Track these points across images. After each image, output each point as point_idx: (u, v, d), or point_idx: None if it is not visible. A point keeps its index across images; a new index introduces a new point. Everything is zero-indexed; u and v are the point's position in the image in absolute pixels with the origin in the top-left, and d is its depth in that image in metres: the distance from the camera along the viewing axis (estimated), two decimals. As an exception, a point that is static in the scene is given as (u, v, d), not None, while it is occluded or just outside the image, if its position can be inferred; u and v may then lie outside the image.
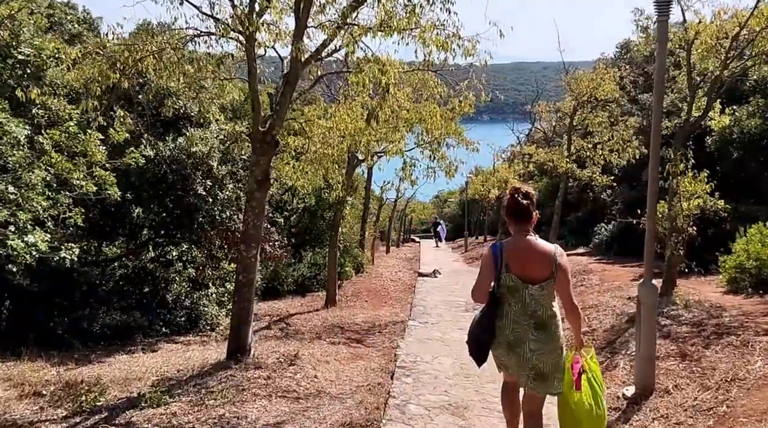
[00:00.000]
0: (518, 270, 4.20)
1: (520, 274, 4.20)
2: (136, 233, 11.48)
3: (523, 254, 4.23)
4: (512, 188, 4.41)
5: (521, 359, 4.24)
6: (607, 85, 15.27)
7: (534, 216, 4.35)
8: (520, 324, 4.22)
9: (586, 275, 15.18)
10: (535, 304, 4.19)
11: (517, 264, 4.21)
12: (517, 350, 4.24)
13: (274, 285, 16.39)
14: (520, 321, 4.22)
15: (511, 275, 4.21)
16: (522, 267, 4.21)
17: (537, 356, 4.20)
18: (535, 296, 4.18)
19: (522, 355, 4.23)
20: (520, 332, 4.23)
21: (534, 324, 4.20)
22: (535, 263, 4.21)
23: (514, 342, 4.25)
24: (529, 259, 4.22)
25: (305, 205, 18.46)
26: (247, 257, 7.79)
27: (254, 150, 7.61)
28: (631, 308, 10.29)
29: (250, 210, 7.69)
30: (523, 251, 4.24)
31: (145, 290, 11.57)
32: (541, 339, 4.19)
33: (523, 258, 4.22)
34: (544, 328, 4.21)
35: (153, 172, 10.16)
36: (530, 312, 4.20)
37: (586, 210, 26.83)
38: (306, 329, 11.98)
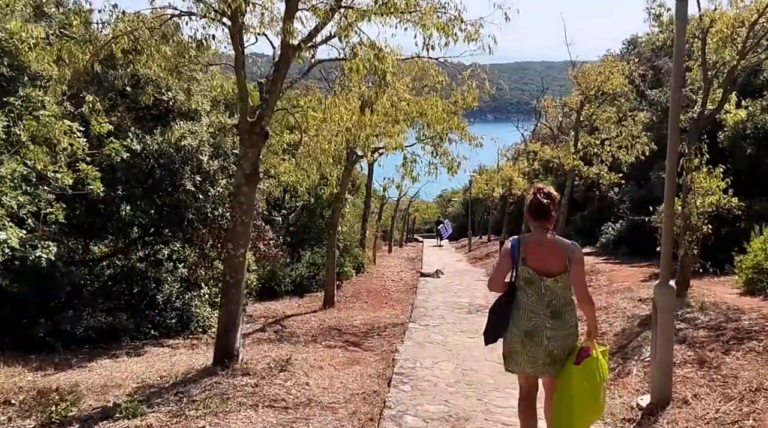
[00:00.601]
0: (534, 264, 4.46)
1: (535, 267, 4.45)
2: (124, 230, 10.99)
3: (539, 249, 4.49)
4: (536, 188, 4.67)
5: (539, 346, 4.44)
6: (615, 79, 14.73)
7: (554, 215, 4.61)
8: (537, 313, 4.45)
9: (594, 276, 14.65)
10: (551, 294, 4.44)
11: (534, 258, 4.47)
12: (535, 338, 4.45)
13: (271, 286, 15.90)
14: (537, 310, 4.46)
15: (528, 267, 4.47)
16: (537, 261, 4.46)
17: (553, 342, 4.44)
18: (550, 287, 4.44)
19: (540, 343, 4.44)
20: (537, 321, 4.45)
21: (550, 313, 4.44)
22: (550, 257, 4.46)
23: (532, 331, 4.46)
24: (545, 254, 4.47)
25: (304, 203, 17.97)
26: (235, 256, 7.30)
27: (242, 142, 7.12)
28: (643, 311, 9.79)
29: (238, 206, 7.20)
30: (540, 246, 4.51)
31: (134, 291, 11.09)
32: (557, 327, 4.44)
33: (539, 253, 4.48)
34: (559, 317, 4.45)
35: (140, 167, 9.68)
36: (546, 302, 4.44)
37: (593, 209, 26.30)
38: (302, 331, 11.50)
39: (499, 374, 7.81)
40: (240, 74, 6.74)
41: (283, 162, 10.28)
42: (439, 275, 19.75)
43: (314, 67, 7.57)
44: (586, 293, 4.55)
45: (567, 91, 23.11)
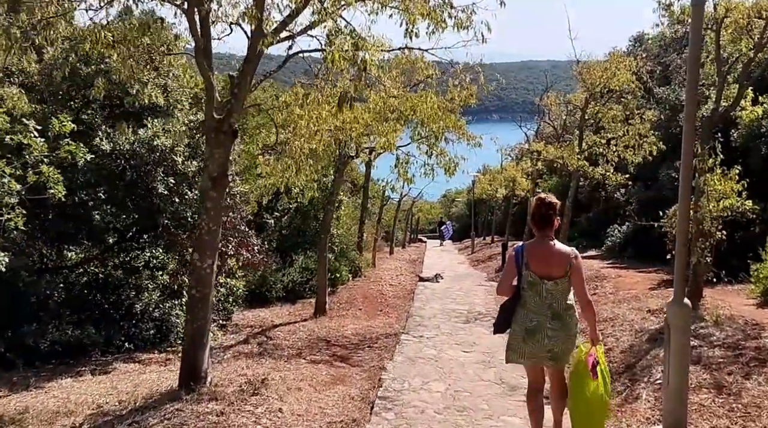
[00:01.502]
0: (536, 268, 4.82)
1: (537, 271, 4.81)
2: (99, 236, 10.31)
3: (541, 255, 4.85)
4: (538, 198, 5.03)
5: (539, 344, 4.78)
6: (622, 75, 13.98)
7: (555, 223, 4.98)
8: (538, 314, 4.80)
9: (599, 282, 13.91)
10: (551, 297, 4.80)
11: (536, 263, 4.83)
12: (536, 336, 4.78)
13: (261, 292, 15.19)
14: (539, 311, 4.80)
15: (530, 272, 4.83)
16: (539, 266, 4.82)
17: (552, 341, 4.77)
18: (551, 290, 4.79)
19: (540, 341, 4.78)
20: (538, 321, 4.80)
21: (551, 315, 4.79)
22: (551, 263, 4.81)
23: (533, 329, 4.79)
24: (547, 259, 4.83)
25: (297, 205, 17.27)
26: (201, 267, 6.61)
27: (208, 141, 6.43)
28: (652, 324, 9.05)
29: (205, 213, 6.50)
30: (542, 252, 4.87)
31: (110, 300, 10.40)
32: (557, 328, 4.77)
33: (541, 258, 4.84)
34: (559, 318, 4.80)
35: (109, 169, 9.01)
36: (547, 304, 4.79)
37: (598, 210, 25.56)
38: (288, 343, 10.80)
39: (495, 397, 7.12)
40: (202, 65, 6.04)
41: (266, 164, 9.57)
42: (438, 279, 19.04)
43: (290, 59, 6.87)
44: (586, 298, 4.88)
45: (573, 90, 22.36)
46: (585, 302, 4.88)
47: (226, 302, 12.19)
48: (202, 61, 6.01)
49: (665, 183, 18.62)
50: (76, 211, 9.53)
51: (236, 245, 10.50)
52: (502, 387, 7.54)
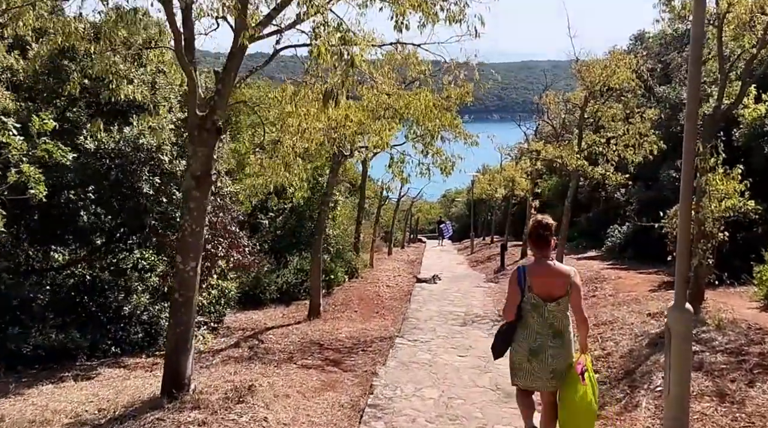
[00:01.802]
0: (539, 291, 4.90)
1: (540, 294, 4.89)
2: (86, 237, 10.05)
3: (544, 278, 4.93)
4: (535, 219, 5.17)
5: (543, 363, 4.88)
6: (622, 73, 13.72)
7: (552, 243, 5.06)
8: (541, 334, 4.89)
9: (599, 284, 13.67)
10: (553, 317, 4.89)
11: (539, 286, 4.91)
12: (540, 356, 4.89)
13: (255, 293, 14.95)
14: (541, 331, 4.90)
15: (534, 294, 4.91)
16: (542, 288, 4.90)
17: (555, 360, 4.88)
18: (552, 311, 4.88)
19: (544, 360, 4.88)
20: (541, 341, 4.89)
21: (552, 334, 4.89)
22: (553, 284, 4.91)
23: (536, 350, 4.90)
24: (549, 281, 4.91)
25: (292, 205, 17.02)
26: (185, 270, 6.37)
27: (191, 139, 6.18)
28: (652, 328, 8.81)
29: (188, 213, 6.25)
30: (543, 274, 4.95)
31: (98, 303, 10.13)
32: (558, 345, 4.88)
33: (543, 281, 4.92)
34: (560, 336, 4.91)
35: (94, 168, 8.76)
36: (549, 324, 4.89)
37: (598, 210, 25.32)
38: (279, 347, 10.55)
39: (489, 404, 6.87)
40: (182, 58, 5.78)
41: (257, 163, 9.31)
42: (435, 280, 18.81)
43: (278, 53, 6.62)
44: (583, 316, 4.99)
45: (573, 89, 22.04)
46: (581, 319, 4.99)
47: (217, 304, 11.96)
48: (182, 55, 5.75)
49: (666, 183, 18.37)
50: (62, 211, 9.29)
51: (227, 247, 10.25)
52: (497, 393, 7.30)
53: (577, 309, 4.94)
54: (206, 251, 10.32)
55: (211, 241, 10.21)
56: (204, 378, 7.89)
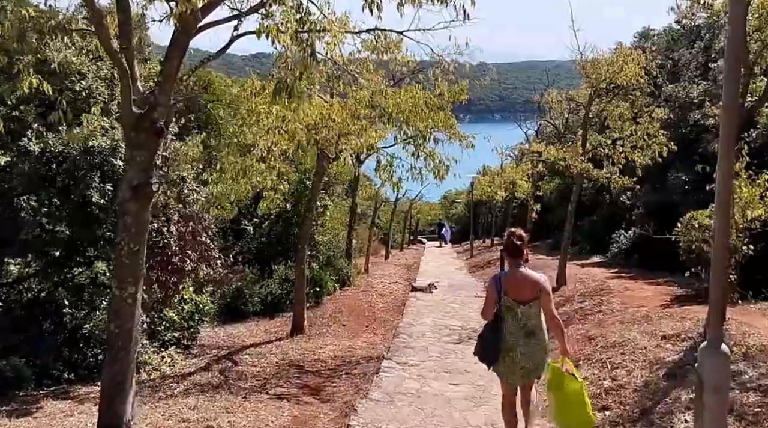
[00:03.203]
0: (513, 294, 5.42)
1: (514, 297, 5.41)
2: (40, 250, 9.07)
3: (516, 283, 5.44)
4: (510, 232, 5.68)
5: (513, 361, 5.38)
6: (630, 69, 12.73)
7: (524, 253, 5.56)
8: (513, 334, 5.38)
9: (605, 296, 12.64)
10: (525, 318, 5.39)
11: (512, 289, 5.43)
12: (511, 354, 5.38)
13: (237, 305, 13.97)
14: (515, 331, 5.38)
15: (508, 297, 5.42)
16: (515, 291, 5.42)
17: (525, 358, 5.37)
18: (525, 312, 5.39)
19: (514, 358, 5.38)
20: (513, 341, 5.38)
21: (524, 334, 5.38)
22: (524, 288, 5.43)
23: (509, 348, 5.38)
24: (521, 286, 5.43)
25: (279, 210, 16.01)
26: (121, 297, 5.38)
27: (127, 141, 5.20)
28: (668, 354, 7.81)
29: (124, 230, 5.27)
30: (516, 280, 5.46)
31: (53, 322, 9.17)
32: (528, 344, 5.37)
33: (516, 286, 5.44)
34: (532, 335, 5.39)
35: (39, 173, 7.79)
36: (521, 324, 5.38)
37: (602, 213, 24.33)
38: (254, 370, 9.57)
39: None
40: (108, 46, 4.79)
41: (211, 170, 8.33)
42: (432, 289, 17.80)
43: (234, 40, 5.65)
44: (553, 317, 5.43)
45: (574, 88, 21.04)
46: (552, 320, 5.43)
47: (190, 320, 10.96)
48: (108, 39, 4.75)
49: (675, 187, 17.40)
50: (7, 220, 8.29)
51: (196, 260, 9.27)
52: (492, 435, 6.32)
53: (547, 312, 5.42)
54: (173, 265, 9.36)
55: (179, 254, 9.23)
56: (158, 414, 6.92)
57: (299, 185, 15.84)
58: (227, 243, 15.26)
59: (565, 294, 14.09)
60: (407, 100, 9.61)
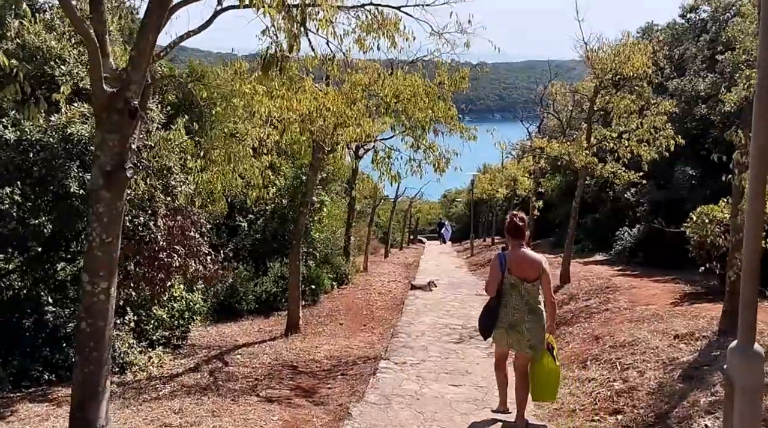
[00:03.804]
0: (517, 272, 5.95)
1: (518, 275, 5.94)
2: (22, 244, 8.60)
3: (520, 262, 5.96)
4: (511, 214, 6.26)
5: (521, 335, 5.94)
6: (637, 59, 12.26)
7: (526, 234, 6.15)
8: (519, 310, 5.95)
9: (611, 294, 12.20)
10: (528, 296, 5.95)
11: (516, 268, 5.95)
12: (518, 328, 5.95)
13: (230, 303, 13.52)
14: (519, 307, 5.95)
15: (512, 276, 5.95)
16: (520, 270, 5.95)
17: (530, 333, 5.92)
18: (528, 290, 5.95)
19: (521, 332, 5.93)
20: (518, 316, 5.94)
21: (528, 310, 5.94)
22: (528, 267, 5.96)
23: (515, 323, 5.95)
24: (525, 265, 5.96)
25: (275, 205, 15.57)
26: (93, 292, 4.93)
27: (98, 123, 4.76)
28: (683, 354, 7.37)
29: (96, 220, 4.82)
30: (520, 259, 5.97)
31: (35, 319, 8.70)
32: (533, 320, 5.94)
33: (520, 264, 5.96)
34: (534, 312, 5.96)
35: (15, 163, 7.34)
36: (525, 301, 5.94)
37: (605, 210, 23.89)
38: (245, 371, 9.13)
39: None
40: (71, 11, 4.33)
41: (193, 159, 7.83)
42: (431, 287, 17.35)
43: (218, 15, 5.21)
44: (551, 297, 6.01)
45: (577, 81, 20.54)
46: (550, 300, 6.01)
47: (181, 318, 10.52)
48: (67, 4, 4.30)
49: (680, 182, 16.98)
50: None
51: (184, 256, 8.83)
52: (496, 441, 5.89)
53: (547, 291, 5.96)
54: (160, 261, 8.92)
55: (166, 249, 8.78)
56: (140, 418, 6.49)
57: (295, 180, 15.38)
58: (221, 239, 14.82)
59: (569, 292, 13.65)
60: (406, 88, 9.19)
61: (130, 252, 8.76)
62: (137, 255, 8.91)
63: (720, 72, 16.35)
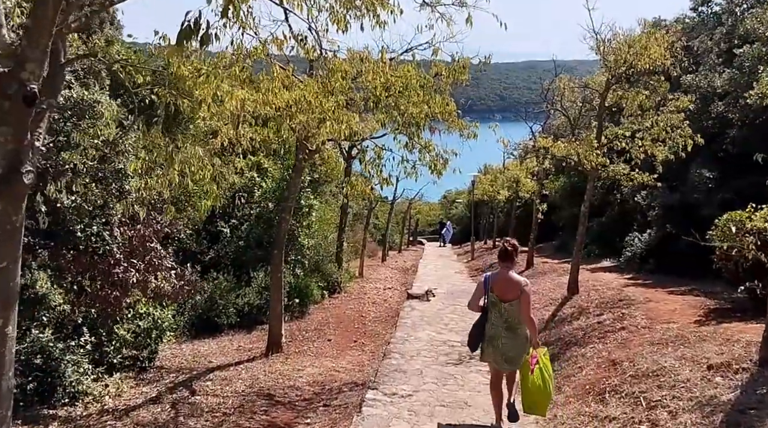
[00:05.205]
0: (498, 292, 6.45)
1: (498, 295, 6.44)
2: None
3: (501, 283, 6.47)
4: (504, 240, 6.82)
5: (497, 349, 6.47)
6: (654, 50, 11.13)
7: (515, 260, 6.62)
8: (496, 326, 6.48)
9: (626, 309, 11.04)
10: (507, 314, 6.43)
11: (498, 288, 6.46)
12: (495, 342, 6.47)
13: (210, 317, 12.39)
14: (497, 324, 6.48)
15: (493, 294, 6.48)
16: (500, 290, 6.45)
17: (506, 347, 6.43)
18: (507, 309, 6.42)
19: (497, 347, 6.46)
20: (495, 331, 6.48)
21: (505, 327, 6.45)
22: (508, 288, 6.42)
23: (492, 337, 6.49)
24: (505, 286, 6.44)
25: (260, 210, 14.45)
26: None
27: (-15, 114, 3.68)
28: (722, 391, 6.24)
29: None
30: (502, 280, 6.47)
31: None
32: (510, 337, 6.43)
33: (501, 285, 6.46)
34: (512, 330, 6.45)
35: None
36: (504, 319, 6.45)
37: (613, 214, 22.75)
38: (214, 401, 8.02)
39: None
40: None
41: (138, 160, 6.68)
42: (429, 297, 16.23)
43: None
44: (528, 317, 6.38)
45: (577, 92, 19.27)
46: (528, 320, 6.36)
47: (147, 337, 9.41)
48: None
49: (696, 185, 15.80)
50: None
51: (143, 270, 7.71)
52: None
53: (524, 311, 6.30)
54: (115, 276, 7.80)
55: (123, 262, 7.67)
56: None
57: (282, 183, 14.27)
58: (201, 246, 13.72)
59: (578, 305, 12.50)
60: (397, 80, 8.08)
61: (81, 267, 7.65)
62: (91, 270, 7.78)
63: (738, 67, 15.22)
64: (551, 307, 13.47)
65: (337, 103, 6.95)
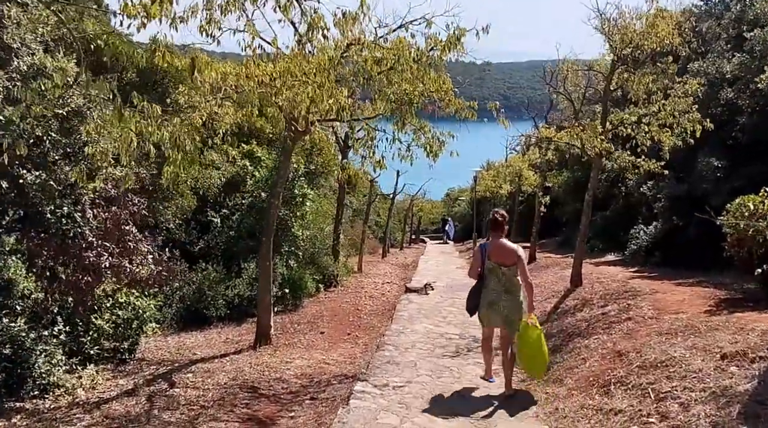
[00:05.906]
0: (495, 258, 6.92)
1: (496, 261, 6.91)
2: None
3: (498, 249, 6.95)
4: (493, 211, 7.28)
5: (498, 313, 6.95)
6: (662, 29, 10.57)
7: (504, 228, 7.11)
8: (496, 291, 6.94)
9: (632, 300, 10.50)
10: (505, 279, 6.92)
11: (495, 255, 6.92)
12: (495, 307, 6.95)
13: (198, 309, 11.91)
14: (496, 289, 6.94)
15: (491, 261, 6.93)
16: (498, 256, 6.91)
17: (507, 310, 6.92)
18: (505, 274, 6.90)
19: (498, 310, 6.94)
20: (495, 296, 6.94)
21: (504, 291, 6.93)
22: (505, 254, 6.91)
23: (493, 302, 6.95)
24: (502, 252, 6.92)
25: (252, 199, 13.96)
26: None
27: None
28: (737, 381, 5.72)
29: None
30: (498, 247, 6.96)
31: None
32: (509, 299, 6.93)
33: (498, 252, 6.93)
34: (510, 293, 6.94)
35: None
36: (502, 283, 6.92)
37: (617, 207, 22.25)
38: (194, 394, 7.54)
39: None
40: None
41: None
42: (427, 291, 15.72)
43: None
44: (527, 280, 6.87)
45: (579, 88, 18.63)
46: (526, 283, 6.88)
47: (128, 328, 8.92)
48: None
49: (704, 175, 15.25)
50: None
51: (117, 255, 7.23)
52: None
53: (523, 275, 6.88)
54: (86, 261, 7.32)
55: (95, 247, 7.19)
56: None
57: (274, 172, 13.78)
58: (191, 237, 13.25)
59: (582, 297, 11.97)
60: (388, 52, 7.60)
61: (51, 250, 7.17)
62: (61, 255, 7.30)
63: (749, 51, 14.68)
64: (553, 299, 12.97)
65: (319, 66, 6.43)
